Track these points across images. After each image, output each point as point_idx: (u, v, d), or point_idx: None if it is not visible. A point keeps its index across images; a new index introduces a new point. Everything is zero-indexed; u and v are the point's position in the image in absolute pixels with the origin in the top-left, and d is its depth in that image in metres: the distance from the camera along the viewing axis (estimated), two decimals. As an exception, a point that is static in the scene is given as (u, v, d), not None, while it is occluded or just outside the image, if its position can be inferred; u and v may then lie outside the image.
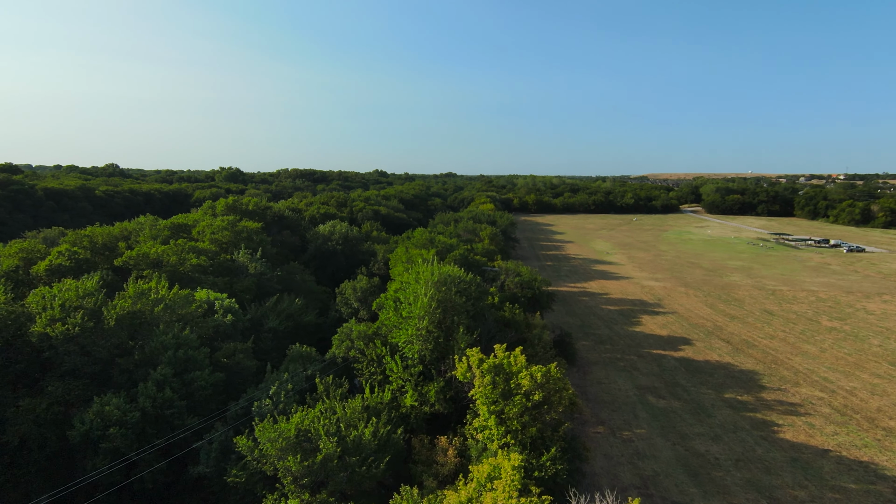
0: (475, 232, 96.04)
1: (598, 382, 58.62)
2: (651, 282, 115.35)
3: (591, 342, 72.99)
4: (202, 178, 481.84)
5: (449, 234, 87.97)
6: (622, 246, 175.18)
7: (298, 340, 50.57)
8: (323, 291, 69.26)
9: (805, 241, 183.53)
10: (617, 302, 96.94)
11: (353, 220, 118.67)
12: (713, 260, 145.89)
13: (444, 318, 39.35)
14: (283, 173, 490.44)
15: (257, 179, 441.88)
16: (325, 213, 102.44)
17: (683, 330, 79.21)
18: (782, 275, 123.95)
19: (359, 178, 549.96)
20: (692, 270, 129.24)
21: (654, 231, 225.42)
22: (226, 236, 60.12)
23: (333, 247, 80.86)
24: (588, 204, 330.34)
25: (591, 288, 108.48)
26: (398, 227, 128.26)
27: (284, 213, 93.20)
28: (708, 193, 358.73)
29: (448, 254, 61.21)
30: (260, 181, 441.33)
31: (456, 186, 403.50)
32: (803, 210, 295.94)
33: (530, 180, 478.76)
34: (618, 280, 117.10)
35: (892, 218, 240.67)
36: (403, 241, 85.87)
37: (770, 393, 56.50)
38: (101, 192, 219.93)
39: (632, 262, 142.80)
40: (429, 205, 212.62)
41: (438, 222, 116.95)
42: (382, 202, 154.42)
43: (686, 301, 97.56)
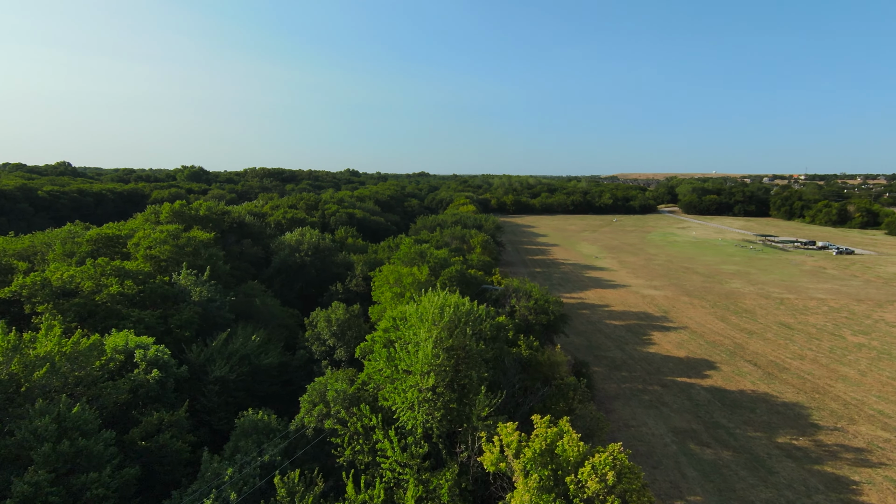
0: (464, 239, 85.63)
1: (625, 425, 48.76)
2: (651, 290, 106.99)
3: (605, 368, 63.29)
4: (163, 177, 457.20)
5: (435, 241, 77.16)
6: (609, 249, 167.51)
7: (255, 392, 38.90)
8: (290, 316, 57.45)
9: (792, 242, 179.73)
10: (621, 315, 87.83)
11: (325, 225, 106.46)
12: (706, 264, 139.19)
13: (458, 373, 28.55)
14: (251, 172, 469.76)
15: (222, 179, 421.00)
16: (293, 218, 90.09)
17: (702, 350, 70.42)
18: (783, 280, 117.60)
19: (330, 177, 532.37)
20: (689, 276, 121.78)
21: (638, 232, 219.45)
22: (165, 252, 47.80)
23: (302, 259, 68.92)
24: (567, 204, 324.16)
25: (589, 298, 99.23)
26: (375, 232, 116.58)
27: (245, 218, 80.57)
28: (684, 194, 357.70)
29: (443, 270, 50.57)
30: (225, 181, 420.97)
31: (430, 186, 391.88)
32: (779, 210, 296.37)
33: (506, 180, 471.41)
34: (615, 289, 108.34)
35: (868, 218, 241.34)
36: (385, 251, 74.55)
37: (827, 434, 47.69)
38: (44, 192, 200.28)
39: (624, 267, 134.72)
40: (405, 206, 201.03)
41: (420, 227, 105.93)
42: (357, 204, 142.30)
43: (694, 313, 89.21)
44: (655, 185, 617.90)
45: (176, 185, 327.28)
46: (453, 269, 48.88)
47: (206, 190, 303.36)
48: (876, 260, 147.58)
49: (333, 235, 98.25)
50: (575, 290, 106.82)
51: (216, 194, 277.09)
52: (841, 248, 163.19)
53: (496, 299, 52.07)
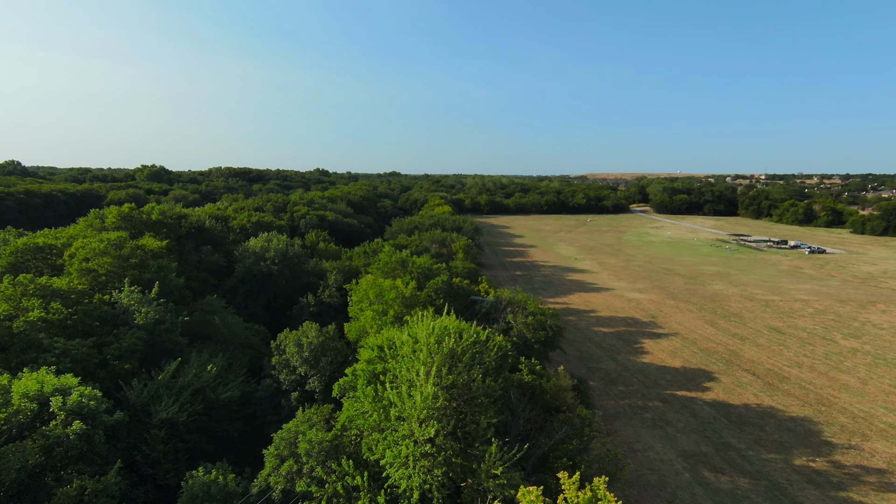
0: (444, 243, 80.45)
1: (631, 449, 44.42)
2: (635, 293, 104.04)
3: (600, 382, 59.09)
4: (121, 177, 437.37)
5: (414, 246, 71.70)
6: (587, 250, 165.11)
7: (212, 432, 32.75)
8: (255, 333, 51.09)
9: (765, 242, 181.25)
10: (608, 321, 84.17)
11: (295, 228, 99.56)
12: (686, 265, 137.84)
13: (461, 417, 23.31)
14: (216, 172, 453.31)
15: (185, 179, 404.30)
16: (259, 222, 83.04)
17: (697, 359, 67.10)
18: (764, 281, 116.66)
19: (299, 177, 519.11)
20: (671, 278, 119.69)
21: (613, 232, 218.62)
22: (105, 264, 40.89)
23: (268, 267, 62.37)
24: (541, 204, 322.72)
25: (573, 303, 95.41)
26: (348, 235, 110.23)
27: (205, 222, 73.34)
28: (655, 193, 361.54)
29: (427, 282, 45.28)
30: (188, 180, 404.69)
31: (403, 186, 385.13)
32: (747, 210, 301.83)
33: (479, 180, 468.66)
34: (599, 292, 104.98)
35: (832, 217, 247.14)
36: (361, 257, 68.68)
37: (843, 454, 44.44)
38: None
39: (604, 268, 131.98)
40: (379, 207, 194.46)
41: (397, 230, 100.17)
42: (328, 206, 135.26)
43: (682, 318, 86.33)
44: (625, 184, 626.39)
45: (135, 185, 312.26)
46: (439, 279, 43.67)
47: (168, 190, 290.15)
48: (848, 259, 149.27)
49: (303, 240, 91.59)
50: (558, 294, 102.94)
51: (178, 195, 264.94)
52: (813, 247, 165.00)
53: (486, 312, 47.09)
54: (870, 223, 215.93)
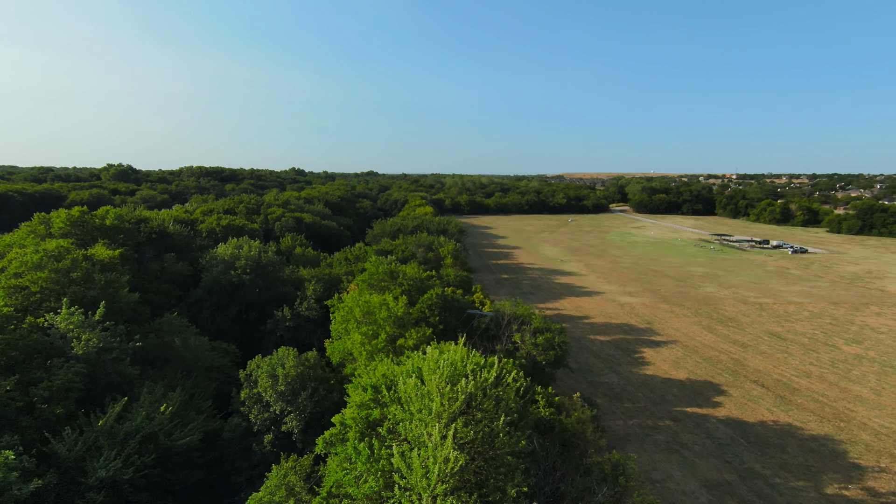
0: (431, 247, 75.24)
1: (649, 479, 39.97)
2: (627, 297, 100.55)
3: (605, 398, 54.73)
4: (86, 176, 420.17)
5: (400, 252, 66.32)
6: (573, 251, 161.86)
7: (169, 486, 26.92)
8: (223, 354, 45.09)
9: (747, 242, 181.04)
10: (603, 329, 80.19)
11: (269, 232, 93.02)
12: (673, 266, 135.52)
13: (482, 482, 18.22)
14: (186, 171, 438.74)
15: (154, 178, 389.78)
16: (229, 226, 76.36)
17: (702, 369, 63.41)
18: (753, 283, 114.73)
19: (274, 177, 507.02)
20: (661, 280, 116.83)
21: (596, 233, 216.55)
22: (40, 280, 34.50)
23: (239, 277, 56.17)
24: (521, 204, 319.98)
25: (565, 309, 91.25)
26: (327, 238, 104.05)
27: (168, 227, 66.57)
28: (634, 193, 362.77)
29: (420, 295, 40.07)
30: (157, 180, 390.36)
31: (381, 186, 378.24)
32: (725, 209, 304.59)
33: (458, 179, 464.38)
34: (590, 296, 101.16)
35: (808, 216, 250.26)
36: (343, 265, 62.98)
37: (876, 478, 40.88)
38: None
39: (592, 270, 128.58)
40: (358, 208, 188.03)
41: (379, 234, 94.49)
42: (305, 207, 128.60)
43: (679, 324, 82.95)
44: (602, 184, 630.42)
45: (100, 185, 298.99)
46: (433, 293, 38.53)
47: (135, 191, 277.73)
48: (830, 259, 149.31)
49: (279, 245, 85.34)
50: (548, 299, 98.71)
51: (145, 195, 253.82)
52: (795, 247, 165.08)
53: (486, 328, 42.09)
54: (846, 222, 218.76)
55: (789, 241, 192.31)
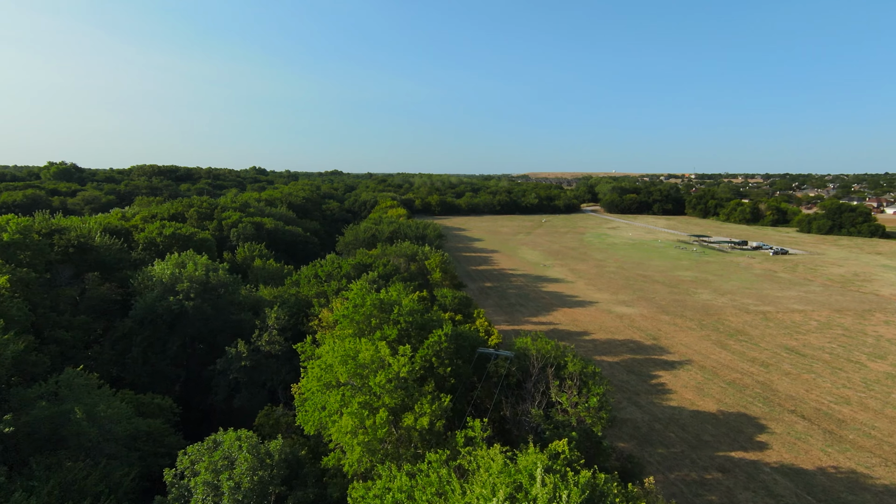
0: (415, 258, 65.06)
1: (718, 568, 31.11)
2: (622, 307, 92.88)
3: (632, 441, 45.93)
4: (24, 175, 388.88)
5: (382, 266, 55.79)
6: (553, 255, 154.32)
7: None
8: (156, 409, 33.77)
9: (727, 243, 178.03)
10: (608, 347, 71.86)
11: (224, 240, 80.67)
12: (660, 270, 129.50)
13: None
14: (137, 170, 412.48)
15: (100, 178, 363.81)
16: (174, 235, 63.93)
17: (730, 397, 55.59)
18: (746, 288, 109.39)
19: (233, 176, 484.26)
20: (652, 287, 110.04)
21: (572, 234, 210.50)
22: None
23: (180, 302, 44.57)
24: (493, 204, 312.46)
25: (561, 323, 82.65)
26: (292, 246, 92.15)
27: (94, 238, 53.98)
28: (605, 193, 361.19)
29: (422, 336, 29.97)
30: (104, 179, 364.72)
31: (347, 186, 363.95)
32: (695, 209, 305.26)
33: (427, 179, 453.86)
34: (584, 307, 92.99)
35: (777, 216, 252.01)
36: (312, 284, 51.99)
37: (983, 548, 33.31)
38: None
39: (578, 276, 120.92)
40: (324, 210, 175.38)
41: (352, 241, 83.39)
42: (266, 210, 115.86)
43: (687, 339, 75.52)
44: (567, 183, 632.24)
45: (37, 185, 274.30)
46: (441, 334, 28.44)
47: (78, 191, 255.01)
48: (812, 260, 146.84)
49: (234, 256, 73.35)
50: (540, 311, 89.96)
51: (88, 197, 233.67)
52: (776, 248, 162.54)
53: (506, 376, 32.31)
54: (815, 222, 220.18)
55: (761, 240, 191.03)
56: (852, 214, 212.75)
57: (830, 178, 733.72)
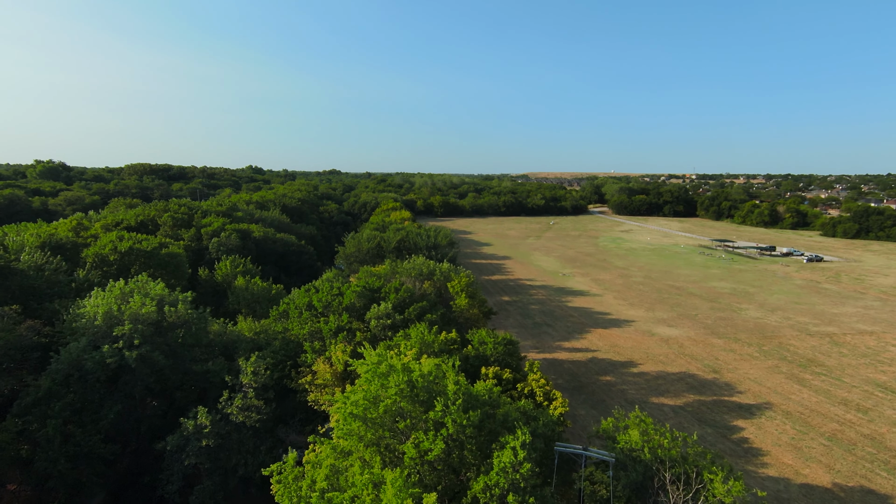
0: (432, 276, 52.85)
1: None
2: (664, 328, 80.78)
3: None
4: (9, 174, 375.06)
5: (394, 294, 43.53)
6: (570, 262, 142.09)
7: None
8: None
9: (753, 248, 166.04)
10: (662, 384, 59.60)
11: (202, 253, 68.24)
12: (691, 280, 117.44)
13: None
14: (128, 169, 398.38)
15: (89, 176, 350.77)
16: (132, 250, 51.38)
17: (840, 461, 43.44)
18: (795, 303, 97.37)
19: (229, 175, 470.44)
20: (690, 301, 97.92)
21: (585, 238, 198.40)
22: None
23: (119, 354, 32.16)
24: (498, 205, 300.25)
25: (599, 350, 70.37)
26: (284, 257, 79.67)
27: (21, 256, 41.48)
28: (612, 194, 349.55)
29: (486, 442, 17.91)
30: (93, 178, 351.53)
31: (346, 186, 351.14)
32: (707, 211, 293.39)
33: (428, 179, 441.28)
34: (620, 328, 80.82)
35: (797, 219, 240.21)
36: (306, 319, 39.65)
37: None
38: None
39: (605, 288, 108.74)
40: (322, 212, 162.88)
41: (354, 254, 70.87)
42: (257, 214, 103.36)
43: (753, 371, 63.37)
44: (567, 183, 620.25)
45: (20, 184, 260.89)
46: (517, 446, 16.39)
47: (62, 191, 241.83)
48: (852, 268, 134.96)
49: (213, 273, 60.95)
50: (571, 333, 77.72)
51: (71, 197, 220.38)
52: (810, 255, 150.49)
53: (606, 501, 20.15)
54: (841, 226, 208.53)
55: (784, 244, 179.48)
56: (880, 218, 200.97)
57: (833, 179, 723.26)
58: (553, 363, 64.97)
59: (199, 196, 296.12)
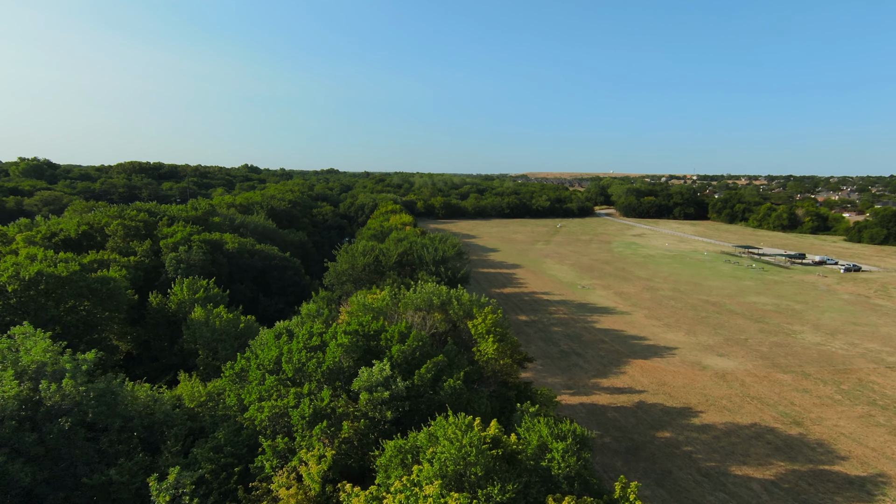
0: (445, 308, 40.34)
1: None
2: (715, 357, 68.23)
3: None
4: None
5: (398, 336, 31.02)
6: (587, 271, 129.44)
7: None
8: None
9: (781, 256, 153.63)
10: (736, 444, 46.87)
11: (156, 273, 55.27)
12: (726, 294, 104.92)
13: None
14: (117, 167, 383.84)
15: (75, 175, 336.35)
16: (41, 275, 38.30)
17: None
18: (853, 324, 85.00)
19: (223, 174, 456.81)
20: (733, 321, 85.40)
21: (597, 243, 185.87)
22: None
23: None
24: (501, 207, 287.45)
25: (647, 390, 57.61)
26: (262, 275, 66.69)
27: None
28: (619, 195, 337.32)
29: None
30: (79, 177, 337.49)
31: (343, 185, 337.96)
32: (720, 214, 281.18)
33: (428, 179, 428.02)
34: (662, 357, 68.19)
35: (818, 223, 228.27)
36: (274, 390, 26.70)
37: None
38: None
39: (631, 304, 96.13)
40: (315, 215, 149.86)
41: (346, 270, 58.06)
42: (238, 218, 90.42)
43: (846, 424, 50.76)
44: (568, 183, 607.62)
45: None
46: None
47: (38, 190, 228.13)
48: None
49: (167, 298, 48.17)
50: (608, 367, 64.99)
51: (48, 196, 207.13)
52: (848, 264, 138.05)
53: None
54: (867, 231, 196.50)
55: (809, 251, 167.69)
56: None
57: (837, 180, 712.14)
58: (593, 411, 52.30)
59: (189, 196, 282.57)
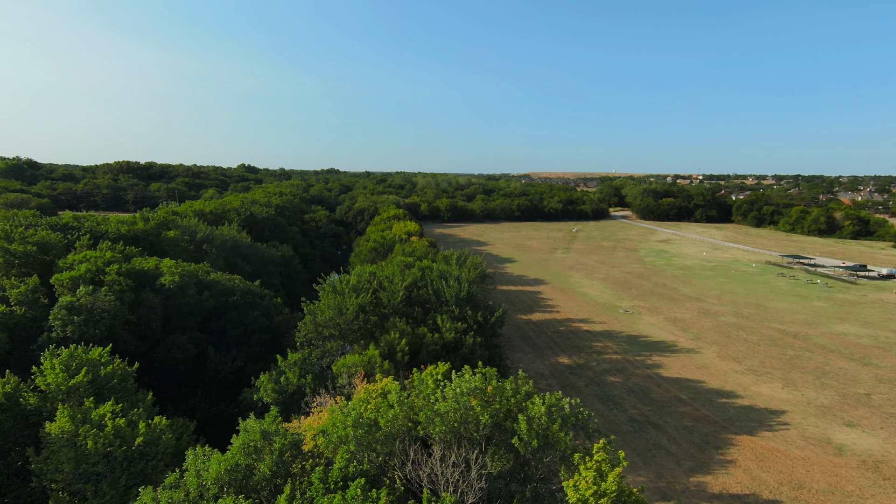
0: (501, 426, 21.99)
1: None
2: (843, 429, 49.23)
3: None
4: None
5: None
6: (623, 288, 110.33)
7: None
8: None
9: (840, 268, 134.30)
10: None
11: (27, 337, 36.09)
12: (802, 321, 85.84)
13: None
14: (103, 167, 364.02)
15: (58, 175, 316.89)
16: None
17: None
18: None
19: (218, 174, 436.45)
20: (835, 364, 66.38)
21: (623, 251, 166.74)
22: None
23: None
24: (511, 209, 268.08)
25: (779, 502, 38.66)
26: (216, 315, 47.46)
27: None
28: (635, 196, 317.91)
29: None
30: (62, 177, 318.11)
31: (342, 186, 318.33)
32: (745, 216, 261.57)
33: (432, 179, 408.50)
34: (773, 431, 49.06)
35: (859, 227, 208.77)
36: None
37: None
38: None
39: (693, 336, 77.10)
40: (307, 221, 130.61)
41: (331, 323, 39.11)
42: (203, 231, 71.39)
43: None
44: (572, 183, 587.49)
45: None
46: None
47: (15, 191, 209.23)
48: None
49: (25, 387, 28.78)
50: (706, 451, 45.85)
51: (13, 199, 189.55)
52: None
53: None
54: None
55: (858, 259, 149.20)
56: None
57: (846, 180, 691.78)
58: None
59: (178, 198, 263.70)
